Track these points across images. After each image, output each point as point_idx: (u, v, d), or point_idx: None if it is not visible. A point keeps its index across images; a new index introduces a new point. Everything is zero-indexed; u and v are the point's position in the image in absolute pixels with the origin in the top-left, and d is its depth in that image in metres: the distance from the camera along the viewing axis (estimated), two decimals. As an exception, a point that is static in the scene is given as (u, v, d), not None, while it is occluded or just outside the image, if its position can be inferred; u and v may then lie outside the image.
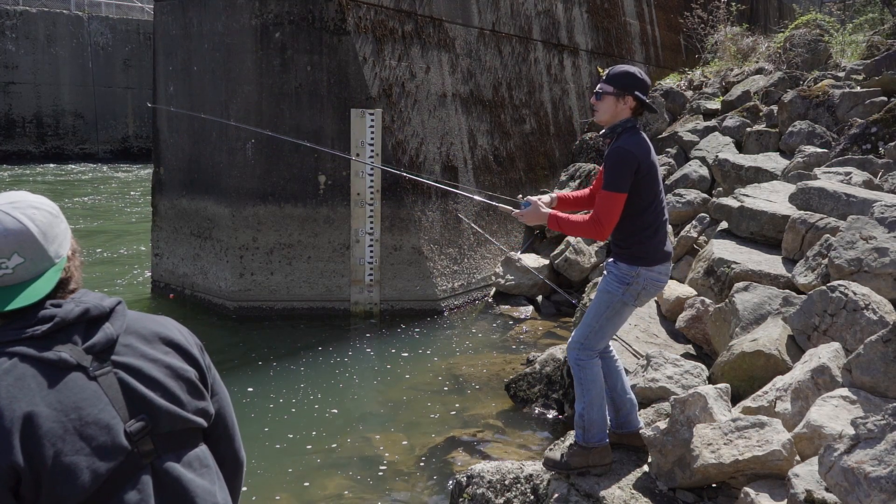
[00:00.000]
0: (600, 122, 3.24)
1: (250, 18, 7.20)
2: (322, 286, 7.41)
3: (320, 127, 7.29)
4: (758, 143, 8.09)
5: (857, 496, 2.24)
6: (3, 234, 1.28)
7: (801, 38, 10.31)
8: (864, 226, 4.11)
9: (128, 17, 24.23)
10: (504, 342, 6.82)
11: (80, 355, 1.29)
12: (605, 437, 3.30)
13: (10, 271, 1.29)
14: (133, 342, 1.37)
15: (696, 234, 6.40)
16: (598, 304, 3.24)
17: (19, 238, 1.30)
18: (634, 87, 3.13)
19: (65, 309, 1.31)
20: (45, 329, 1.28)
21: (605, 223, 3.07)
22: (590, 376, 3.23)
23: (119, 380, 1.31)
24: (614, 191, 3.05)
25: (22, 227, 1.30)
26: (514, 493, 3.46)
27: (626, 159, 3.06)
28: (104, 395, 1.28)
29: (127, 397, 1.31)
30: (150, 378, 1.35)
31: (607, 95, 3.16)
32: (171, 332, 1.45)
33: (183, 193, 8.07)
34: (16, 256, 1.29)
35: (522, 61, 9.68)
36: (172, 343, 1.43)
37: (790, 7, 20.80)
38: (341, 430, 5.00)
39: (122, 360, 1.33)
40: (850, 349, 3.34)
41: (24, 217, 1.31)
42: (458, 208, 8.17)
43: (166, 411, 1.35)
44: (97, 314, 1.34)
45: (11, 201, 1.33)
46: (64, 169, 20.56)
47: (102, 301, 1.38)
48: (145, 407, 1.32)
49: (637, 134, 3.16)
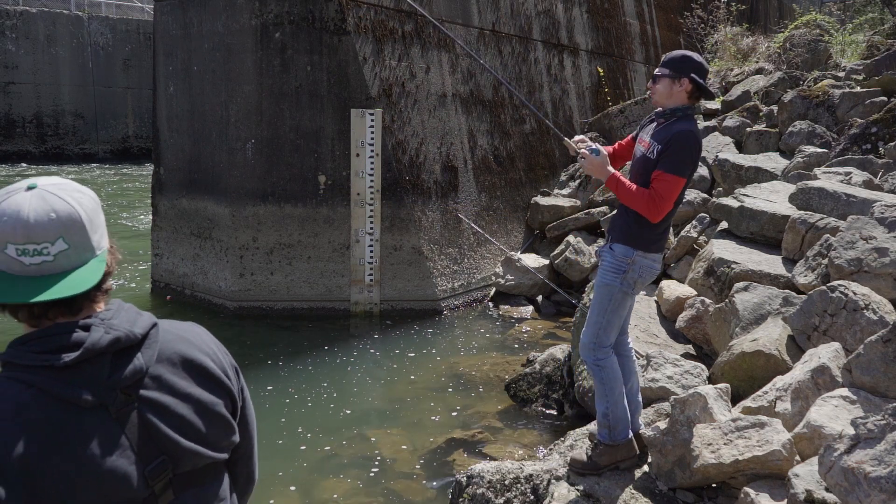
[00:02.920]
0: (656, 104, 3.22)
1: (250, 18, 7.20)
2: (322, 286, 7.41)
3: (320, 127, 7.29)
4: (758, 143, 8.09)
5: (857, 496, 2.24)
6: (50, 216, 1.14)
7: (801, 38, 10.31)
8: (864, 226, 4.11)
9: (128, 17, 24.23)
10: (504, 342, 6.82)
11: (104, 392, 1.15)
12: (628, 432, 3.31)
13: (50, 258, 1.14)
14: (162, 373, 1.24)
15: (696, 234, 6.40)
16: (599, 299, 3.24)
17: (67, 222, 1.15)
18: (691, 69, 3.10)
19: (93, 337, 1.16)
20: (69, 360, 1.13)
21: (661, 206, 3.03)
22: (611, 375, 3.24)
23: (142, 418, 1.20)
24: (678, 175, 3.01)
25: (71, 209, 1.17)
26: (514, 493, 3.46)
27: (695, 145, 3.05)
28: (124, 438, 1.17)
29: (149, 437, 1.20)
30: (176, 416, 1.23)
31: (663, 78, 3.14)
32: (203, 358, 1.32)
33: (183, 193, 8.07)
34: (60, 242, 1.15)
35: (522, 61, 9.68)
36: (204, 371, 1.30)
37: (790, 7, 20.79)
38: (341, 430, 5.00)
39: (149, 396, 1.21)
40: (850, 349, 3.34)
41: (71, 199, 1.18)
42: (458, 208, 8.16)
43: (190, 451, 1.25)
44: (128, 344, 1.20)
45: (55, 183, 1.19)
46: (63, 169, 20.55)
47: (134, 327, 1.22)
48: (167, 447, 1.22)
49: (696, 122, 3.14)
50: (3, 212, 1.13)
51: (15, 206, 1.14)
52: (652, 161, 3.09)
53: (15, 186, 1.18)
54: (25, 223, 1.12)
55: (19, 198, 1.15)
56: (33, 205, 1.14)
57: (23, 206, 1.14)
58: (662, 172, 3.02)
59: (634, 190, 3.08)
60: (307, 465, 4.51)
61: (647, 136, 3.20)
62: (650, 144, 3.13)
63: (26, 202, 1.14)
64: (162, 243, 8.35)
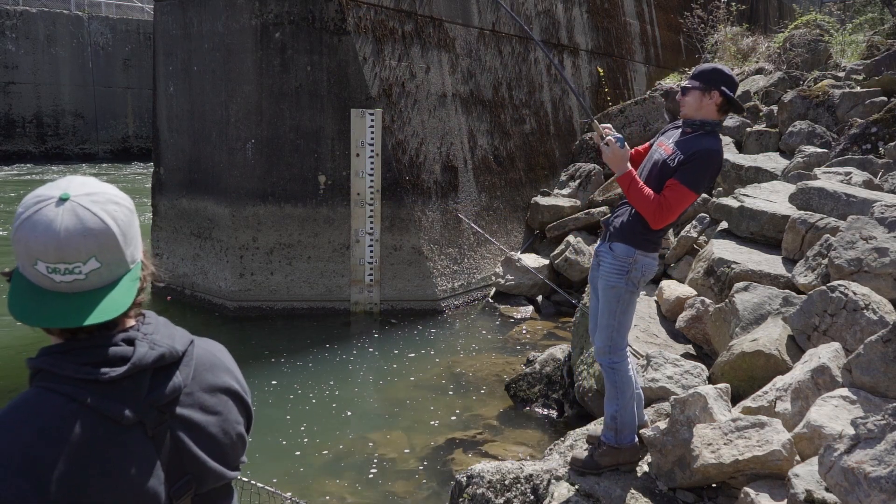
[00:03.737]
0: (684, 117, 3.21)
1: (250, 18, 7.20)
2: (322, 286, 7.41)
3: (320, 127, 7.29)
4: (758, 143, 8.09)
5: (857, 496, 2.24)
6: (83, 235, 1.09)
7: (801, 38, 10.31)
8: (864, 226, 4.11)
9: (128, 17, 24.22)
10: (504, 342, 6.82)
11: (142, 409, 1.13)
12: (634, 437, 3.32)
13: (82, 277, 1.09)
14: (195, 390, 1.23)
15: (696, 234, 6.40)
16: (607, 302, 3.23)
17: (100, 240, 1.10)
18: (721, 82, 3.10)
19: (139, 353, 1.14)
20: (116, 374, 1.10)
21: (667, 215, 3.05)
22: (625, 378, 3.25)
23: (174, 437, 1.18)
24: (692, 190, 3.02)
25: (105, 227, 1.11)
26: (514, 493, 3.46)
27: (715, 164, 3.06)
28: (157, 457, 1.15)
29: (178, 456, 1.18)
30: (206, 435, 1.23)
31: (693, 90, 3.13)
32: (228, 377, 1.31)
33: (183, 193, 8.07)
34: (93, 261, 1.10)
35: (522, 61, 9.68)
36: (230, 391, 1.30)
37: (790, 7, 20.79)
38: (341, 430, 5.00)
39: (184, 414, 1.20)
40: (850, 349, 3.34)
41: (105, 215, 1.11)
42: (458, 208, 8.16)
43: (214, 472, 1.24)
44: (171, 361, 1.19)
45: (89, 193, 1.12)
46: (63, 170, 20.55)
47: (175, 343, 1.20)
48: (194, 467, 1.21)
49: (720, 140, 3.15)
50: (34, 227, 1.08)
51: (46, 222, 1.08)
52: (671, 168, 3.07)
53: (46, 194, 1.11)
54: (56, 242, 1.07)
55: (50, 213, 1.09)
56: (65, 222, 1.08)
57: (55, 222, 1.08)
58: (678, 183, 3.02)
59: (646, 193, 3.07)
60: (307, 464, 4.51)
61: (670, 142, 3.18)
62: (673, 151, 3.11)
63: (58, 218, 1.08)
64: (162, 243, 8.35)
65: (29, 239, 1.08)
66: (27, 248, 1.08)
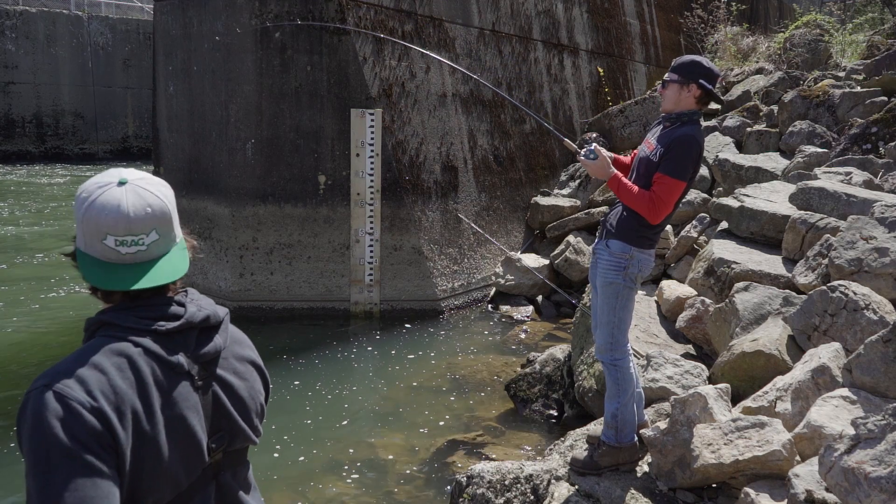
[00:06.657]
0: (664, 111, 3.24)
1: (250, 18, 7.19)
2: (322, 286, 7.40)
3: (320, 127, 7.29)
4: (758, 143, 8.08)
5: (857, 496, 2.24)
6: (146, 210, 1.27)
7: (801, 38, 10.32)
8: (864, 226, 4.11)
9: (128, 17, 24.22)
10: (504, 342, 6.82)
11: (190, 363, 1.31)
12: (634, 436, 3.32)
13: (144, 248, 1.28)
14: (229, 356, 1.41)
15: (696, 234, 6.40)
16: (606, 299, 3.25)
17: (159, 215, 1.29)
18: (699, 75, 3.12)
19: (190, 311, 1.33)
20: (171, 327, 1.29)
21: (661, 208, 3.08)
22: (626, 376, 3.26)
23: (214, 394, 1.35)
24: (678, 178, 3.06)
25: (162, 203, 1.30)
26: (514, 493, 3.46)
27: (696, 149, 3.08)
28: (201, 408, 1.31)
29: (216, 412, 1.35)
30: (238, 397, 1.40)
31: (672, 83, 3.16)
32: (252, 351, 1.50)
33: (183, 193, 8.06)
34: (154, 233, 1.29)
35: (522, 61, 9.68)
36: (255, 363, 1.49)
37: (790, 7, 20.78)
38: (341, 431, 5.00)
39: (222, 375, 1.37)
40: (851, 349, 3.33)
41: (161, 194, 1.31)
42: (458, 208, 8.16)
43: (242, 431, 1.40)
44: (214, 323, 1.38)
45: (142, 177, 1.31)
46: (58, 171, 20.55)
47: (217, 309, 1.41)
48: (228, 424, 1.37)
49: (700, 126, 3.17)
50: (104, 206, 1.25)
51: (115, 201, 1.25)
52: (654, 163, 3.14)
53: (105, 180, 1.28)
54: (126, 217, 1.25)
55: (116, 192, 1.26)
56: (130, 200, 1.26)
57: (122, 200, 1.25)
58: (663, 175, 3.07)
59: (636, 192, 3.12)
60: (306, 465, 4.51)
61: (653, 139, 3.24)
62: (655, 147, 3.17)
63: (124, 197, 1.26)
64: (162, 243, 8.34)
65: (100, 216, 1.24)
66: (97, 224, 1.25)
